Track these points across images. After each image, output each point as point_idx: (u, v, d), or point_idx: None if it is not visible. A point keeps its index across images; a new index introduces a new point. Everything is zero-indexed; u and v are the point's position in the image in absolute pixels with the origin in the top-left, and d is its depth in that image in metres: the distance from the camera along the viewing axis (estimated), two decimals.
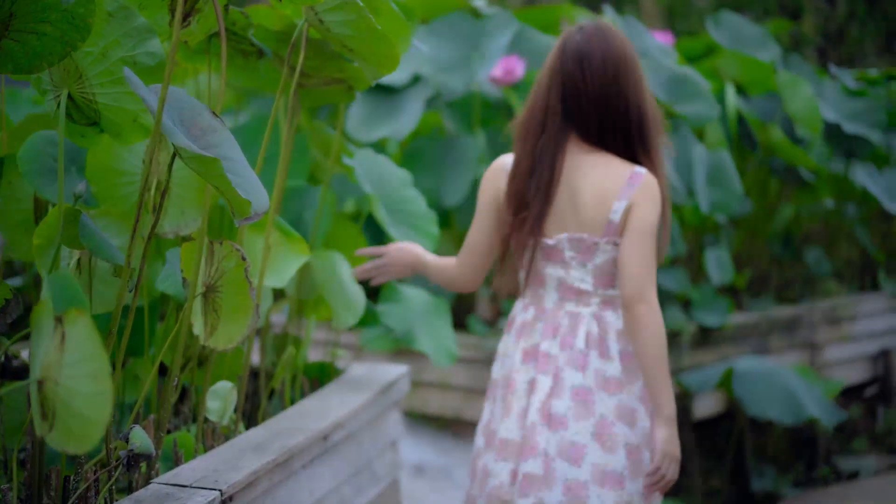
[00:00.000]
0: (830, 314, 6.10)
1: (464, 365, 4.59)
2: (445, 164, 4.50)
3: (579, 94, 2.65)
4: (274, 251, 2.85)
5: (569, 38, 2.71)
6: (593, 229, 2.68)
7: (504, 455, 2.75)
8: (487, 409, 2.89)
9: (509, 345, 2.85)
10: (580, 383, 2.69)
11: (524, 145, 2.71)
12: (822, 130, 5.60)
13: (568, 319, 2.73)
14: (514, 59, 4.48)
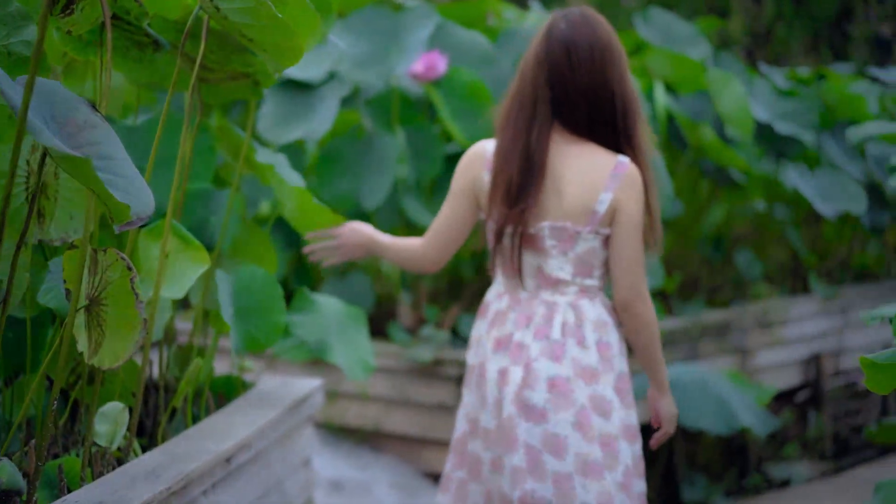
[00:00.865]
0: (761, 318, 5.98)
1: (384, 375, 4.40)
2: (364, 165, 4.29)
3: (566, 83, 2.66)
4: (172, 259, 2.64)
5: (554, 25, 2.69)
6: (576, 219, 2.68)
7: (487, 444, 2.78)
8: (466, 396, 2.88)
9: (482, 332, 2.85)
10: (556, 373, 2.70)
11: (514, 135, 2.69)
12: (753, 130, 5.47)
13: (543, 308, 2.74)
14: (435, 54, 4.29)
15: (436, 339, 4.33)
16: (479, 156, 2.79)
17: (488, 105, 4.36)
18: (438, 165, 4.37)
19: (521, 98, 2.71)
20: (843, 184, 5.85)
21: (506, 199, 2.69)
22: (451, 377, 4.28)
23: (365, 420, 4.43)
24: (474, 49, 4.51)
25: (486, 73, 4.48)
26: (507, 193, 2.69)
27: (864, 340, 6.75)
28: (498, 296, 2.83)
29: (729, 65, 6.33)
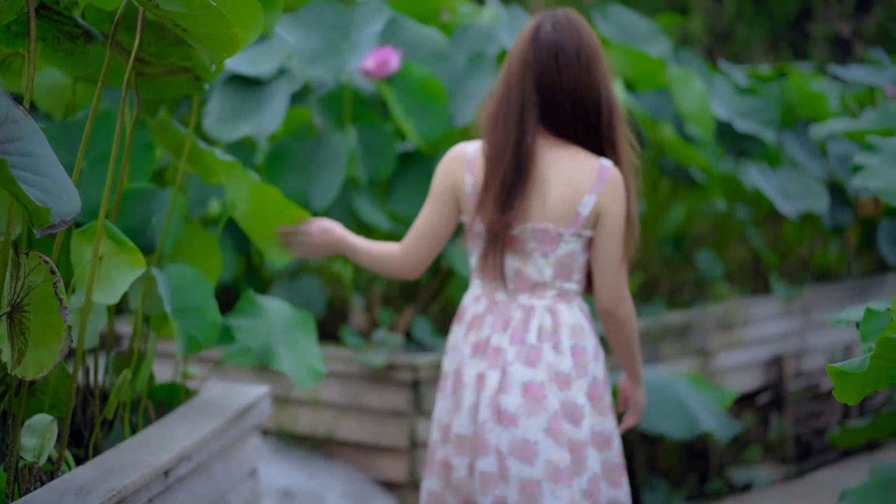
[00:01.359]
0: (722, 319, 5.90)
1: (336, 380, 4.27)
2: (315, 164, 4.16)
3: (553, 86, 2.67)
4: (105, 263, 2.50)
5: (540, 28, 2.70)
6: (559, 221, 2.70)
7: (460, 450, 2.76)
8: (439, 402, 2.87)
9: (458, 337, 2.84)
10: (530, 378, 2.71)
11: (503, 138, 2.69)
12: (713, 128, 5.38)
13: (520, 312, 2.75)
14: (387, 50, 4.16)
15: (389, 343, 4.21)
16: (460, 158, 2.78)
17: (442, 102, 4.24)
18: (391, 164, 4.25)
19: (508, 101, 2.71)
20: (804, 182, 5.77)
21: (497, 203, 2.69)
22: (404, 382, 4.16)
23: (317, 427, 4.30)
24: (428, 44, 4.39)
25: (440, 69, 4.36)
26: (498, 197, 2.68)
27: (826, 341, 6.69)
28: (475, 299, 2.83)
29: (689, 62, 6.24)
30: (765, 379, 6.27)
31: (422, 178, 4.32)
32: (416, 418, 4.15)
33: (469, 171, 2.75)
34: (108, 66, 2.30)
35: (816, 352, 6.66)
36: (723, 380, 5.92)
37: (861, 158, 3.38)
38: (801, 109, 6.21)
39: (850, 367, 1.75)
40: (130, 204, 2.93)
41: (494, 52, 4.42)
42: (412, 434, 4.14)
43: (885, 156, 3.40)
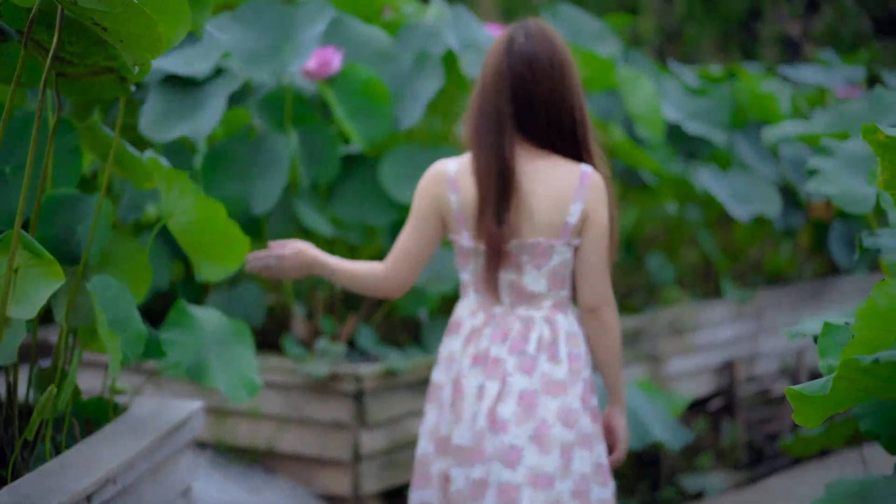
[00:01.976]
0: (674, 324, 5.81)
1: (277, 391, 4.13)
2: (255, 168, 4.02)
3: (530, 96, 2.70)
4: (22, 275, 2.35)
5: (513, 39, 2.72)
6: (549, 233, 2.73)
7: (461, 461, 2.78)
8: (432, 413, 2.88)
9: (456, 349, 2.85)
10: (526, 387, 2.75)
11: (488, 154, 2.71)
12: (664, 130, 5.29)
13: (519, 324, 2.78)
14: (330, 50, 4.03)
15: (331, 353, 4.07)
16: (442, 177, 2.80)
17: (386, 103, 4.11)
18: (334, 168, 4.11)
19: (485, 114, 2.74)
20: (756, 185, 5.69)
21: (495, 219, 2.71)
22: (347, 393, 4.02)
23: (257, 439, 4.16)
24: (372, 44, 4.25)
25: (384, 69, 4.23)
26: (494, 212, 2.71)
27: (777, 346, 6.63)
28: (471, 312, 2.85)
29: (639, 63, 6.15)
30: (716, 384, 6.20)
31: (366, 183, 4.19)
32: (360, 430, 4.02)
33: (453, 189, 2.77)
34: (22, 65, 2.15)
35: (768, 356, 6.60)
36: (674, 386, 5.83)
37: (815, 162, 3.30)
38: (752, 111, 6.13)
39: (812, 390, 1.64)
40: (53, 212, 2.78)
41: (440, 52, 4.30)
42: (356, 447, 4.01)
43: (839, 160, 3.32)
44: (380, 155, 4.34)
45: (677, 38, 16.44)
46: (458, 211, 2.77)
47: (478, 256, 2.78)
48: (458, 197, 2.77)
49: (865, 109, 3.86)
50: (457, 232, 2.80)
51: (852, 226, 6.70)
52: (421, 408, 4.24)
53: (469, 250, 2.80)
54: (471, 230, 2.77)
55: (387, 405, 4.12)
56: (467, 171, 2.78)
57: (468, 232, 2.78)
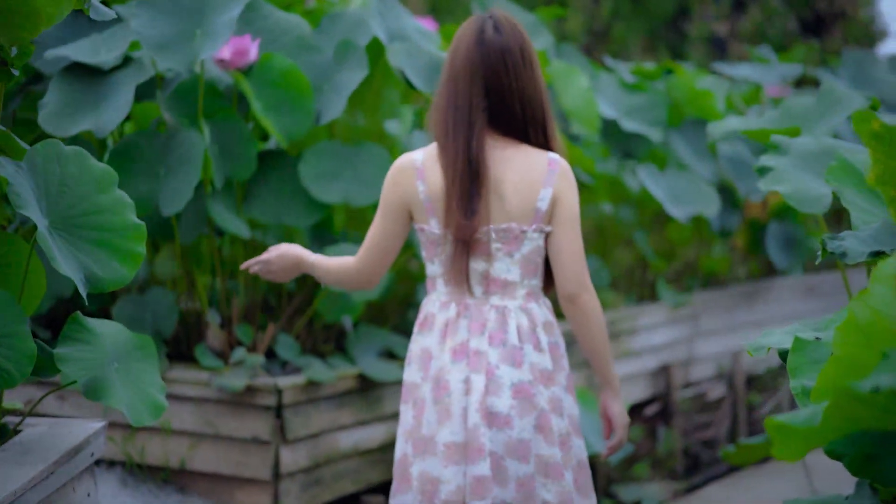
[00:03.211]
0: (610, 328, 5.60)
1: (190, 405, 3.84)
2: (165, 165, 3.73)
3: (503, 89, 2.73)
4: None
5: (483, 30, 2.74)
6: (521, 218, 2.75)
7: (454, 459, 2.74)
8: (408, 413, 2.86)
9: (431, 345, 2.83)
10: (519, 379, 2.76)
11: (455, 146, 2.73)
12: (599, 127, 5.08)
13: (495, 313, 2.78)
14: (246, 38, 3.74)
15: (249, 364, 3.80)
16: (409, 168, 2.81)
17: (307, 96, 3.84)
18: (251, 166, 3.83)
19: (457, 106, 2.74)
20: (693, 185, 5.51)
21: (461, 210, 2.72)
22: (266, 407, 3.76)
23: (169, 456, 3.87)
24: (292, 33, 3.97)
25: (305, 60, 3.95)
26: (460, 203, 2.72)
27: (713, 349, 6.46)
28: (442, 305, 2.84)
29: (571, 57, 5.94)
30: (652, 389, 6.00)
31: (285, 181, 3.91)
32: (280, 447, 3.75)
33: (421, 179, 2.79)
34: None
35: (704, 360, 6.43)
36: None
37: (767, 160, 3.10)
38: (689, 108, 5.95)
39: (797, 422, 1.41)
40: None
41: (365, 42, 4.04)
42: (275, 464, 3.74)
43: (792, 157, 3.13)
44: (300, 151, 4.07)
45: (605, 36, 16.33)
46: (426, 199, 2.78)
47: (447, 245, 2.79)
48: (425, 186, 2.78)
49: (814, 105, 3.67)
50: (424, 221, 2.80)
51: (788, 226, 6.55)
52: (346, 421, 4.01)
53: (437, 238, 2.80)
54: (440, 218, 2.78)
55: (309, 419, 3.86)
56: (434, 159, 2.79)
57: (436, 220, 2.78)
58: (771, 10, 16.34)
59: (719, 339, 6.49)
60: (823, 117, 3.59)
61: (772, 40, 15.70)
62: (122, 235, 2.64)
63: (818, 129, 3.53)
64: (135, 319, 3.87)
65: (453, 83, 2.76)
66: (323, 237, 4.12)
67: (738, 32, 16.60)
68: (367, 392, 4.13)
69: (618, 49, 15.55)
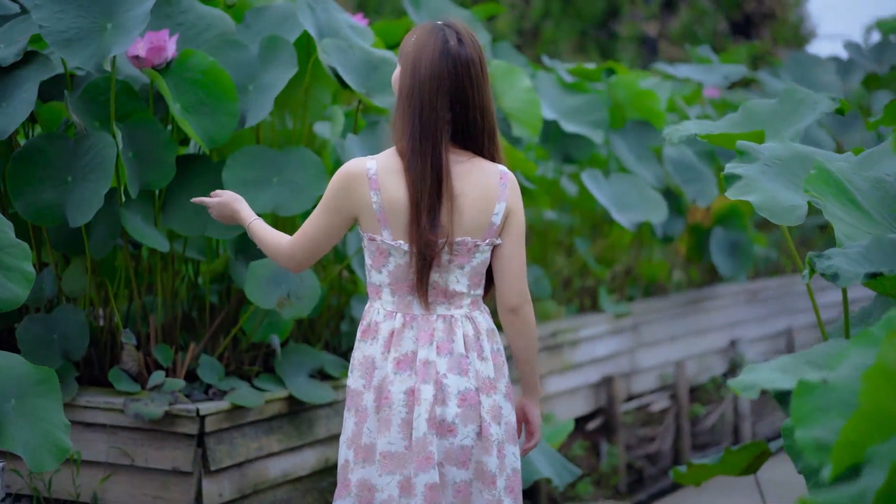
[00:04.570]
0: (550, 341, 5.34)
1: (104, 434, 3.53)
2: (73, 171, 3.40)
3: (467, 102, 2.72)
4: None
5: (446, 41, 2.72)
6: (476, 233, 2.76)
7: (389, 468, 2.74)
8: (350, 420, 2.84)
9: (376, 354, 2.81)
10: (466, 387, 2.77)
11: (422, 159, 2.70)
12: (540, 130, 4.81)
13: (442, 323, 2.79)
14: (163, 33, 3.42)
15: (168, 389, 3.48)
16: (362, 176, 2.75)
17: (231, 97, 3.53)
18: (169, 172, 3.51)
19: (422, 119, 2.71)
20: (639, 190, 5.27)
21: (430, 227, 2.71)
22: (188, 435, 3.45)
23: (81, 489, 3.54)
24: (213, 28, 3.65)
25: (228, 57, 3.64)
26: (428, 220, 2.71)
27: (655, 360, 6.25)
28: (388, 315, 2.81)
29: (508, 56, 5.70)
30: (594, 403, 5.76)
31: (207, 189, 3.59)
32: (202, 477, 3.44)
33: (374, 189, 2.73)
34: None
35: (647, 371, 6.20)
36: (552, 406, 5.38)
37: (735, 167, 2.86)
38: (631, 109, 5.72)
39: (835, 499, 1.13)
40: None
41: (294, 38, 3.73)
42: (198, 496, 3.44)
43: (761, 164, 2.90)
44: (224, 157, 3.75)
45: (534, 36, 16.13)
46: (380, 210, 2.74)
47: (398, 256, 2.76)
48: (379, 197, 2.73)
49: (776, 107, 3.42)
50: (375, 231, 2.76)
51: (733, 232, 6.35)
52: (274, 448, 3.72)
53: (387, 249, 2.77)
54: (394, 229, 2.74)
55: (233, 447, 3.56)
56: (390, 170, 2.74)
57: (389, 231, 2.74)
58: (700, 10, 16.27)
59: (662, 349, 6.28)
60: (787, 120, 3.34)
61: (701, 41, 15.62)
62: (8, 254, 2.35)
63: (783, 132, 3.28)
64: (41, 340, 3.54)
65: (417, 95, 2.72)
66: (249, 251, 3.81)
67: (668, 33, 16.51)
68: (297, 415, 3.83)
69: (548, 49, 15.36)
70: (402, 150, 2.73)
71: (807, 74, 7.51)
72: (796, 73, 7.51)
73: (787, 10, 16.90)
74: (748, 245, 6.33)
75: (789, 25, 16.83)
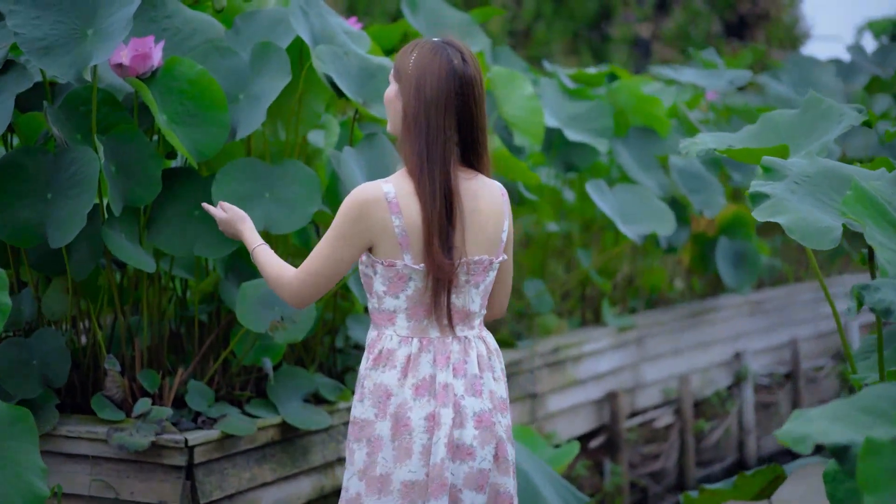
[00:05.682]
0: (552, 357, 5.15)
1: (86, 465, 3.34)
2: (53, 187, 3.20)
3: (472, 121, 2.71)
4: None
5: (451, 61, 2.70)
6: (491, 250, 2.78)
7: (411, 497, 2.69)
8: (361, 451, 2.75)
9: (391, 382, 2.73)
10: (481, 408, 2.73)
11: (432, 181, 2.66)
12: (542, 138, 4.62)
13: (457, 345, 2.76)
14: (148, 40, 3.21)
15: (154, 417, 3.28)
16: (380, 201, 2.68)
17: (220, 107, 3.33)
18: (155, 187, 3.31)
19: (430, 140, 2.67)
20: (645, 201, 5.08)
21: (443, 248, 2.67)
22: (175, 467, 3.25)
23: None
24: (201, 34, 3.45)
25: (217, 65, 3.44)
26: (441, 242, 2.67)
27: (659, 374, 6.06)
28: (403, 340, 2.75)
29: (509, 61, 5.50)
30: (597, 420, 5.57)
31: (195, 205, 3.39)
32: None
33: (395, 212, 2.67)
34: None
35: (650, 385, 6.02)
36: (554, 424, 5.19)
37: (761, 186, 2.68)
38: (634, 115, 5.53)
39: None
40: None
41: (287, 44, 3.54)
42: None
43: (789, 182, 2.71)
44: (213, 171, 3.55)
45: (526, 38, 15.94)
46: (402, 234, 2.67)
47: (418, 280, 2.70)
48: (401, 220, 2.67)
49: (798, 119, 3.23)
50: (396, 256, 2.69)
51: (738, 242, 6.17)
52: (268, 477, 3.53)
53: (408, 274, 2.70)
54: (414, 254, 2.68)
55: (224, 479, 3.37)
56: (407, 193, 2.68)
57: (411, 255, 2.68)
58: (694, 11, 16.11)
59: (665, 362, 6.09)
60: (810, 133, 3.15)
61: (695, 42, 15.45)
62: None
63: (806, 146, 3.09)
64: (19, 366, 3.33)
65: (423, 116, 2.67)
66: (239, 270, 3.61)
67: (662, 34, 16.34)
68: (291, 442, 3.64)
69: (540, 51, 15.17)
70: (412, 171, 2.68)
71: (807, 78, 7.33)
72: (797, 77, 7.33)
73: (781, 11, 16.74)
74: (754, 255, 6.14)
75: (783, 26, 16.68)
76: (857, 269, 8.08)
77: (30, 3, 3.09)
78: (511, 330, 5.40)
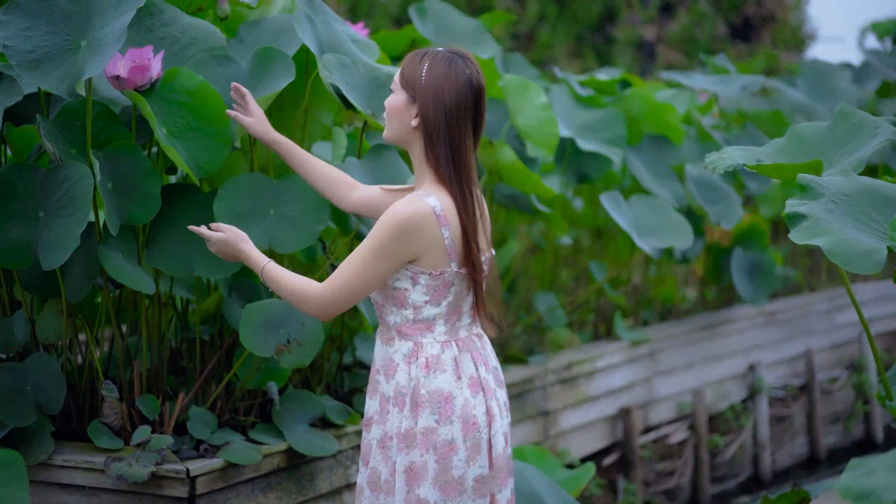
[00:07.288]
0: (565, 373, 5.00)
1: (83, 497, 3.18)
2: (45, 205, 3.05)
3: (479, 127, 2.81)
4: None
5: (466, 70, 2.75)
6: (490, 246, 2.91)
7: (481, 492, 2.79)
8: (430, 460, 2.76)
9: (448, 385, 2.78)
10: (505, 399, 2.94)
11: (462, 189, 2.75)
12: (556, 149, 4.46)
13: (479, 341, 2.88)
14: (146, 50, 3.05)
15: (154, 446, 3.13)
16: (430, 216, 2.71)
17: (221, 119, 3.17)
18: (154, 205, 3.15)
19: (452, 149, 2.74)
20: (662, 214, 4.92)
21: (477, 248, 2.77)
22: (176, 498, 3.10)
23: None
24: (200, 42, 3.29)
25: (219, 75, 3.28)
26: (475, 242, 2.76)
27: (673, 389, 5.90)
28: (443, 345, 2.81)
29: (520, 68, 5.34)
30: (611, 437, 5.42)
31: (196, 223, 3.23)
32: None
33: (444, 224, 2.73)
34: None
35: (664, 400, 5.86)
36: (567, 442, 5.04)
37: (797, 205, 2.53)
38: (647, 123, 5.37)
39: None
40: None
41: (293, 52, 3.38)
42: None
43: (827, 202, 2.56)
44: (214, 186, 3.40)
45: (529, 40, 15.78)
46: (451, 244, 2.74)
47: (458, 283, 2.78)
48: (449, 232, 2.73)
49: (829, 133, 3.06)
50: (443, 265, 2.74)
51: (753, 253, 6.01)
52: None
53: (451, 280, 2.77)
54: (458, 260, 2.76)
55: None
56: (448, 204, 2.74)
57: (455, 262, 2.75)
58: (699, 13, 15.96)
59: (679, 376, 5.93)
60: (843, 147, 2.99)
61: (700, 44, 15.31)
62: None
63: (839, 161, 2.93)
64: (13, 392, 3.18)
65: (446, 125, 2.73)
66: (243, 290, 3.46)
67: (666, 37, 16.20)
68: (297, 469, 3.50)
69: (544, 54, 15.02)
70: (443, 181, 2.74)
71: (822, 82, 7.17)
72: (812, 82, 7.18)
73: (786, 12, 16.59)
74: (770, 266, 5.98)
75: (789, 28, 16.53)
76: (877, 277, 7.90)
77: (20, 13, 2.93)
78: (522, 344, 5.24)
